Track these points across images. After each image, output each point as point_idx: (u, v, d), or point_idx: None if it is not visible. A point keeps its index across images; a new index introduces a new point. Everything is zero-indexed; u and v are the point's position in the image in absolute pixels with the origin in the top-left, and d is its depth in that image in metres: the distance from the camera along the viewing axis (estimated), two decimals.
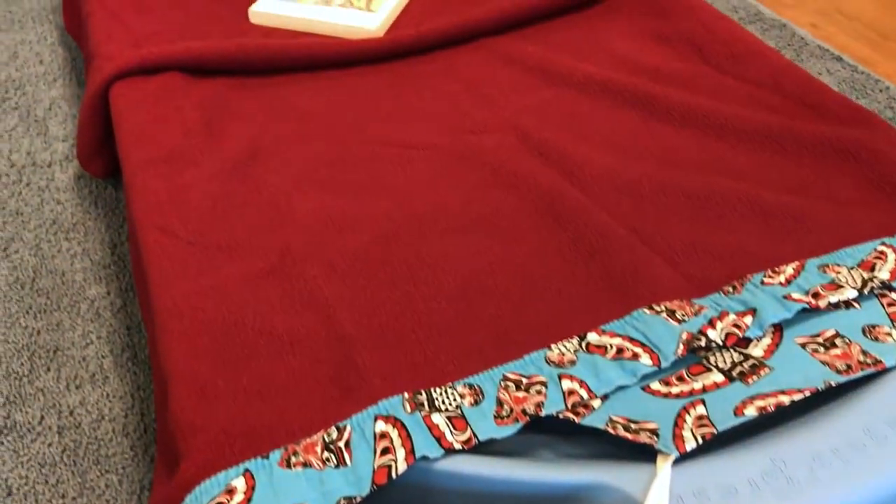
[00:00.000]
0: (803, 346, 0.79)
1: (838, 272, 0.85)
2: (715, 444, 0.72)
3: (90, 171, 1.33)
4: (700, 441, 0.70)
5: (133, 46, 1.28)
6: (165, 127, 1.12)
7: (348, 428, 0.73)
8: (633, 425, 0.72)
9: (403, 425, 0.72)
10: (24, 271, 1.22)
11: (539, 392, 0.75)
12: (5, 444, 1.00)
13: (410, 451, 0.70)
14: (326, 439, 0.73)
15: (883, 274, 0.84)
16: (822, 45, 1.62)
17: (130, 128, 1.12)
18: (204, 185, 1.03)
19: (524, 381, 0.77)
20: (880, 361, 0.76)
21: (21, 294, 1.19)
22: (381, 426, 0.73)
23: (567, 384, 0.76)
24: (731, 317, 0.81)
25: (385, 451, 0.70)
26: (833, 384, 0.74)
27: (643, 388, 0.77)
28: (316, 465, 0.70)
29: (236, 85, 1.25)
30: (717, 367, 0.78)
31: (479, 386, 0.77)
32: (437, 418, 0.73)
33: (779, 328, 0.81)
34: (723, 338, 0.79)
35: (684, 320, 0.81)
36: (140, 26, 1.35)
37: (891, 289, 0.83)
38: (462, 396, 0.76)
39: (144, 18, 1.37)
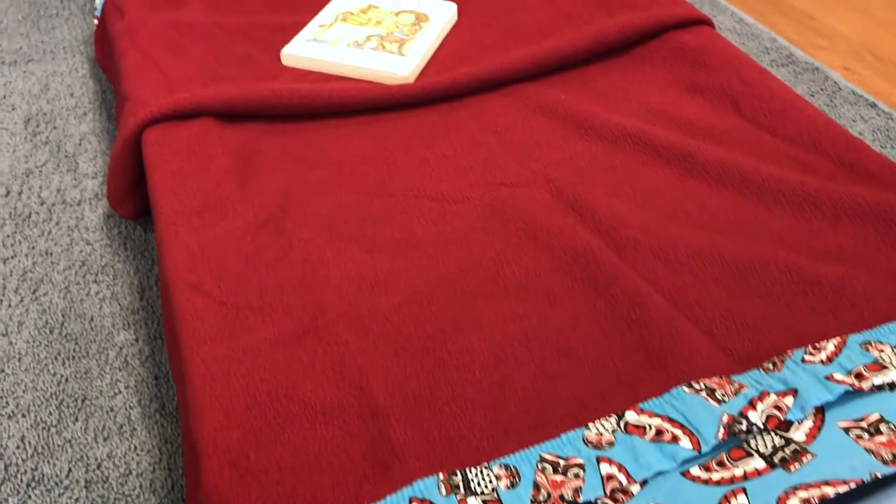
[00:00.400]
0: (846, 430, 0.77)
1: (881, 350, 0.83)
2: None
3: (120, 212, 1.33)
4: None
5: (166, 90, 1.28)
6: (198, 177, 1.12)
7: None
8: None
9: None
10: (52, 315, 1.22)
11: (577, 476, 0.74)
12: (33, 499, 1.00)
13: None
14: None
15: None
16: (855, 90, 1.60)
17: (163, 177, 1.12)
18: (236, 239, 1.03)
19: (561, 462, 0.76)
20: None
21: (50, 339, 1.19)
22: None
23: (605, 468, 0.75)
24: (772, 397, 0.79)
25: None
26: (879, 476, 0.72)
27: (683, 474, 0.75)
28: None
29: (268, 130, 1.25)
30: (758, 451, 0.76)
31: (515, 467, 0.76)
32: (474, 502, 0.72)
33: (820, 410, 0.79)
34: (764, 420, 0.77)
35: (724, 400, 0.79)
36: (173, 68, 1.35)
37: None
38: (498, 478, 0.75)
39: (177, 60, 1.37)
